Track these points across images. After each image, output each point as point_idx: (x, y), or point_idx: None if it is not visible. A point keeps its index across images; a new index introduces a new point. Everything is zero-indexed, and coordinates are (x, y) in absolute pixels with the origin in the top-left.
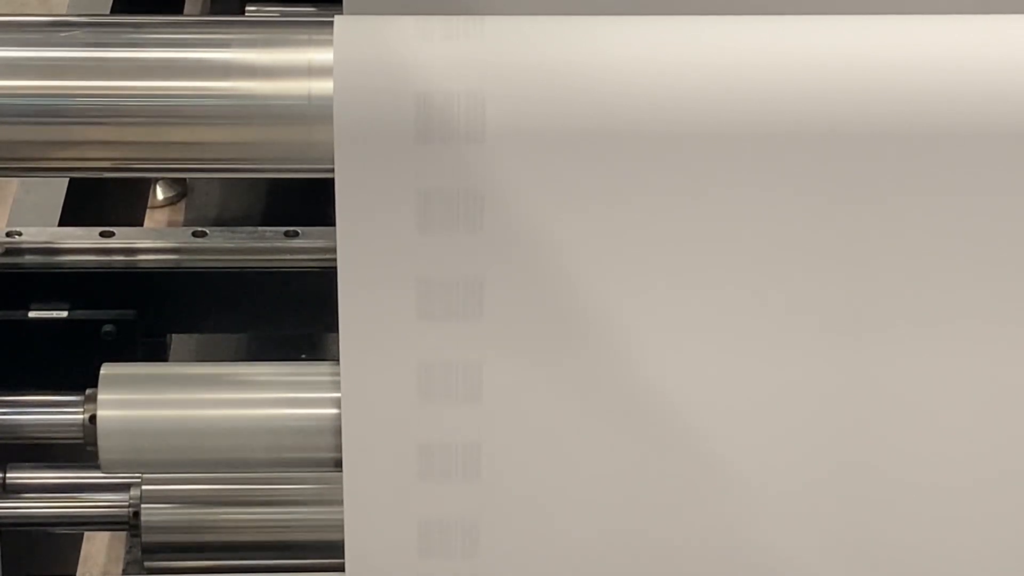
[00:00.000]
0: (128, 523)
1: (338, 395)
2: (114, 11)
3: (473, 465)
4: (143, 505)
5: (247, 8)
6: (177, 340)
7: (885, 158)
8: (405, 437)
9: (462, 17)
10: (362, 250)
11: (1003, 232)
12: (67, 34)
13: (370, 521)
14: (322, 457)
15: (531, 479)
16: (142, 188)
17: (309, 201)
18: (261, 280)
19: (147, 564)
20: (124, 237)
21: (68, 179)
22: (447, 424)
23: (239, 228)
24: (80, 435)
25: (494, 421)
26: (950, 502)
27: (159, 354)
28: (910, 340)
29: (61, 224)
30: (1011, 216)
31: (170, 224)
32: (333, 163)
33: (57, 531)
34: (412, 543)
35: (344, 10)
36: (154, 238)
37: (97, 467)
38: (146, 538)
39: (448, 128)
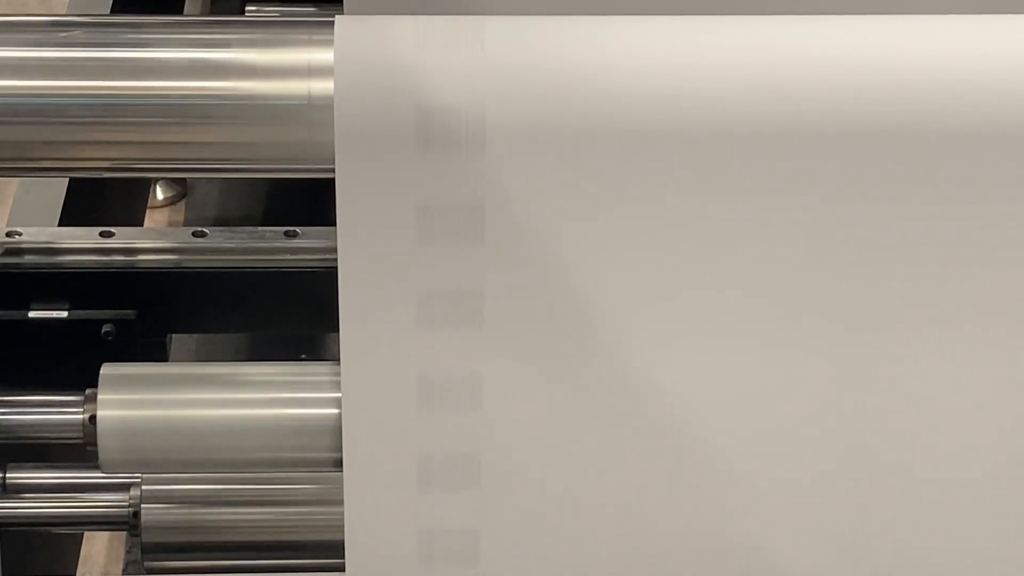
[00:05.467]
0: (128, 523)
1: (338, 395)
2: (114, 11)
3: (473, 465)
4: (143, 505)
5: (247, 8)
6: (177, 340)
7: (885, 158)
8: (405, 436)
9: (462, 17)
10: (362, 249)
11: (1003, 230)
12: (67, 34)
13: (370, 521)
14: (322, 457)
15: (532, 478)
16: (142, 188)
17: (309, 201)
18: (261, 280)
19: (147, 564)
20: (124, 237)
21: (68, 179)
22: (447, 424)
23: (239, 228)
24: (80, 435)
25: (494, 422)
26: (952, 502)
27: (159, 354)
28: (912, 339)
29: (61, 224)
30: (1011, 215)
31: (170, 224)
32: (333, 163)
33: (57, 531)
34: (412, 543)
35: (344, 10)
36: (154, 238)
37: (97, 467)
38: (146, 538)
39: (448, 128)
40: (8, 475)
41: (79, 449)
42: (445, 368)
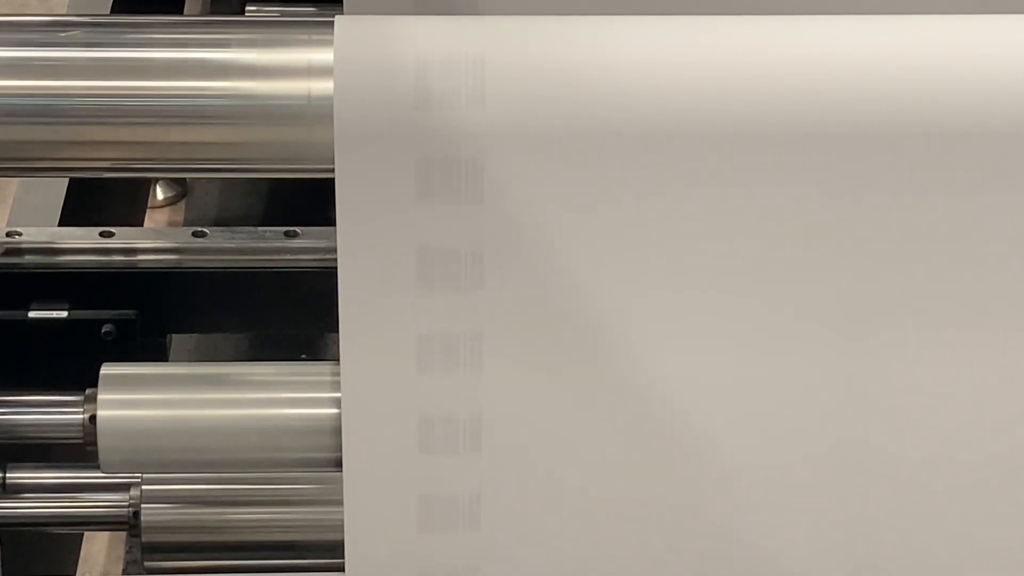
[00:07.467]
0: (128, 523)
1: (338, 395)
2: (114, 11)
3: (473, 466)
4: (143, 505)
5: (247, 8)
6: (177, 340)
7: (884, 157)
8: (405, 436)
9: (462, 17)
10: (362, 249)
11: (999, 229)
12: (67, 34)
13: (370, 521)
14: (322, 457)
15: (532, 480)
16: (142, 188)
17: (310, 201)
18: (261, 280)
19: (147, 564)
20: (124, 237)
21: (68, 179)
22: (447, 424)
23: (239, 228)
24: (80, 435)
25: (494, 423)
26: (952, 498)
27: (159, 354)
28: (911, 335)
29: (61, 224)
30: (1011, 215)
31: (170, 224)
32: (333, 163)
33: (57, 531)
34: (412, 543)
35: (344, 10)
36: (154, 238)
37: (97, 467)
38: (146, 538)
39: (448, 128)
40: (8, 475)
41: (79, 449)
42: (445, 368)
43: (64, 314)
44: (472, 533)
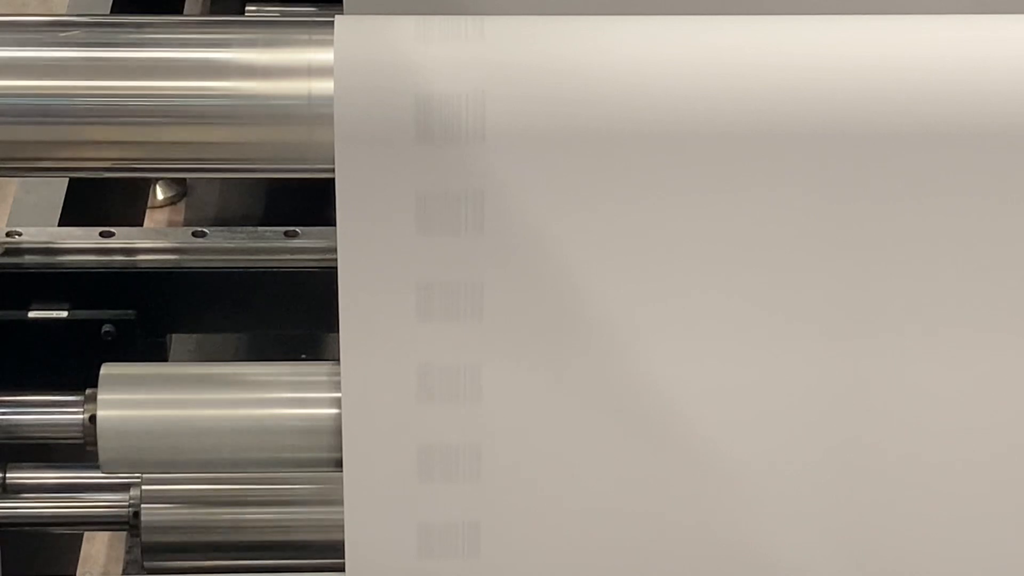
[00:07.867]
0: (128, 523)
1: (338, 395)
2: (114, 11)
3: (473, 464)
4: (143, 505)
5: (247, 8)
6: (177, 340)
7: (885, 159)
8: (405, 436)
9: (462, 17)
10: (362, 250)
11: (1003, 231)
12: (67, 34)
13: (370, 521)
14: (322, 457)
15: (531, 478)
16: (142, 188)
17: (309, 201)
18: (261, 280)
19: (147, 564)
20: (124, 237)
21: (68, 179)
22: (447, 423)
23: (239, 228)
24: (80, 435)
25: (494, 421)
26: (951, 505)
27: (159, 354)
28: (908, 335)
29: (61, 224)
30: (1011, 215)
31: (170, 224)
32: (333, 163)
33: (57, 531)
34: (412, 543)
35: (344, 10)
36: (154, 238)
37: (97, 467)
38: (146, 538)
39: (448, 128)
40: (8, 475)
41: (79, 449)
42: (445, 368)
43: (64, 314)
44: (473, 531)
